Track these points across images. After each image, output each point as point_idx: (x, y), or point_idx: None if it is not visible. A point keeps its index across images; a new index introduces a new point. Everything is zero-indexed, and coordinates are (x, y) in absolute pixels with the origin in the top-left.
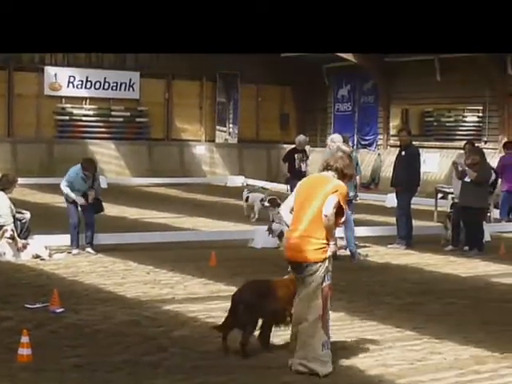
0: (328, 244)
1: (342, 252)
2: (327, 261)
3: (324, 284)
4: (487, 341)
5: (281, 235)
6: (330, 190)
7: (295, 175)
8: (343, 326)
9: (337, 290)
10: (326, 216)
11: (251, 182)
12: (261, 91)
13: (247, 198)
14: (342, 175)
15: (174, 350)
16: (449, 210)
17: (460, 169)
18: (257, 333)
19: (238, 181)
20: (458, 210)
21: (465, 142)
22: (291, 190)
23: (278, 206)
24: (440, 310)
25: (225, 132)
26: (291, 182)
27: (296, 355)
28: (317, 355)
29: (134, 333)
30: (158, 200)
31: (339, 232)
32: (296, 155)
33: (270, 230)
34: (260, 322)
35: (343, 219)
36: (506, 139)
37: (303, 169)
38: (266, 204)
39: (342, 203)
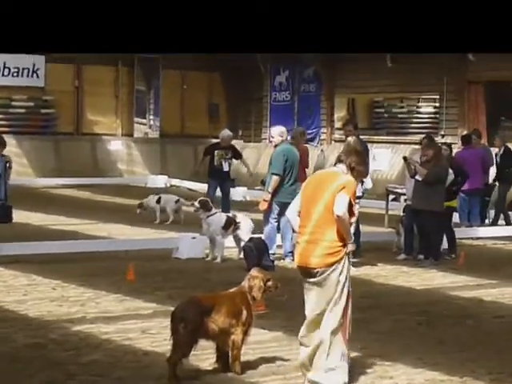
0: (343, 245)
1: (281, 262)
2: (344, 263)
3: (345, 289)
4: (444, 363)
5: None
6: (336, 188)
7: (213, 174)
8: (280, 348)
9: (272, 306)
10: (338, 217)
11: (176, 182)
12: (186, 78)
13: (159, 199)
14: (352, 171)
15: (84, 378)
16: (401, 214)
17: (413, 166)
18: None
19: (160, 181)
20: (410, 213)
21: (421, 135)
22: (209, 191)
23: (210, 210)
24: (390, 328)
25: (144, 125)
26: (209, 181)
27: (312, 368)
28: (335, 366)
29: (38, 358)
30: (66, 204)
31: (278, 240)
32: (216, 152)
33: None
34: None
35: (354, 218)
36: (465, 132)
37: (225, 168)
38: (196, 206)
39: (352, 200)
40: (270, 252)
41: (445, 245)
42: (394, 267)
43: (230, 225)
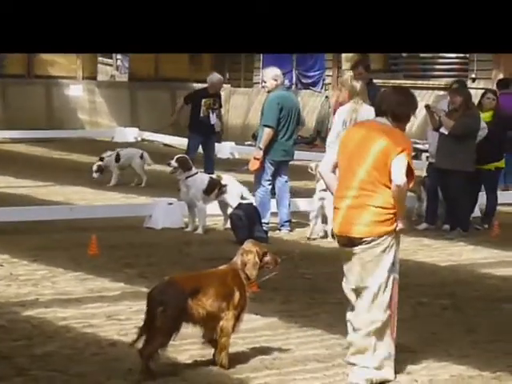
0: (394, 214)
1: (276, 233)
2: (392, 240)
3: (392, 274)
4: (473, 355)
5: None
6: (393, 149)
7: (197, 127)
8: (275, 337)
9: (267, 286)
10: (397, 186)
11: (148, 135)
12: None
13: (117, 156)
14: (397, 119)
15: (37, 374)
16: (423, 175)
17: (438, 116)
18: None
19: (129, 134)
20: (434, 174)
21: (447, 79)
22: (189, 149)
23: (190, 169)
24: (410, 314)
25: (111, 66)
26: (191, 136)
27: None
28: (379, 365)
29: None
30: (15, 162)
31: (273, 207)
32: (204, 100)
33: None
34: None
35: (411, 184)
36: (501, 75)
37: (212, 121)
38: (174, 164)
39: (410, 163)
40: (263, 221)
41: (477, 212)
42: (414, 239)
43: (214, 188)
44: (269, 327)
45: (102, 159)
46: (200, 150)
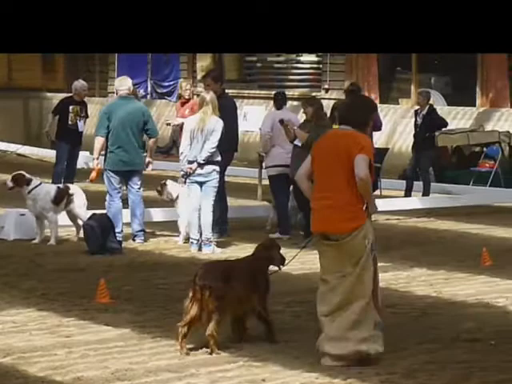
0: (365, 208)
1: (130, 243)
2: (368, 226)
3: (371, 254)
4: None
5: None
6: (355, 149)
7: (66, 136)
8: (128, 348)
9: (120, 297)
10: (361, 179)
11: (1, 146)
12: None
13: None
14: (356, 125)
15: None
16: None
17: (292, 129)
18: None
19: None
20: (289, 184)
21: (301, 89)
22: (58, 159)
23: (29, 182)
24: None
25: None
26: (59, 146)
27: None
28: (369, 335)
29: None
30: None
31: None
32: (71, 107)
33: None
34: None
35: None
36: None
37: (80, 128)
38: (9, 184)
39: (371, 160)
40: (116, 231)
41: None
42: None
43: (63, 197)
44: (121, 338)
45: None
46: None
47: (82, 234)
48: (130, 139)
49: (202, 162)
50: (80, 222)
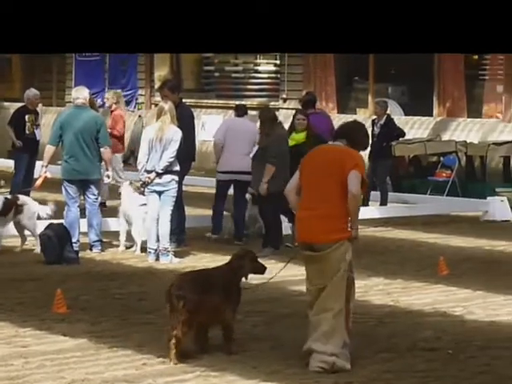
0: (348, 222)
1: (87, 253)
2: (349, 244)
3: (348, 271)
4: (281, 371)
5: None
6: (348, 165)
7: (25, 145)
8: (84, 358)
9: (76, 307)
10: (354, 196)
11: None
12: None
13: None
14: (353, 143)
15: None
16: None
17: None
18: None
19: None
20: (245, 192)
21: (259, 99)
22: (16, 169)
23: None
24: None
25: None
26: (18, 156)
27: (314, 346)
28: (337, 352)
29: None
30: None
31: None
32: (27, 116)
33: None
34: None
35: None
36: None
37: (37, 137)
38: None
39: (363, 177)
40: (73, 241)
41: (288, 230)
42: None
43: (10, 208)
44: (78, 348)
45: None
46: None
47: (25, 246)
48: (82, 149)
49: (160, 171)
50: (27, 233)
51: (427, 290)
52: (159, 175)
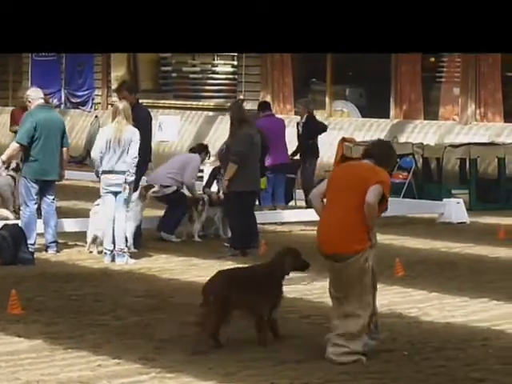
0: (369, 235)
1: (43, 254)
2: (369, 253)
3: (371, 279)
4: (238, 372)
5: None
6: (373, 179)
7: None
8: (39, 359)
9: (30, 307)
10: (368, 204)
11: None
12: None
13: None
14: (381, 164)
15: None
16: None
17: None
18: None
19: None
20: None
21: (216, 100)
22: None
23: None
24: (177, 334)
25: None
26: None
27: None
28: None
29: None
30: None
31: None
32: None
33: None
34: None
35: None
36: (269, 97)
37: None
38: None
39: (385, 192)
40: (29, 242)
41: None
42: (184, 259)
43: None
44: (33, 349)
45: None
46: None
47: None
48: (54, 149)
49: (131, 178)
50: None
51: (383, 292)
52: (116, 175)
